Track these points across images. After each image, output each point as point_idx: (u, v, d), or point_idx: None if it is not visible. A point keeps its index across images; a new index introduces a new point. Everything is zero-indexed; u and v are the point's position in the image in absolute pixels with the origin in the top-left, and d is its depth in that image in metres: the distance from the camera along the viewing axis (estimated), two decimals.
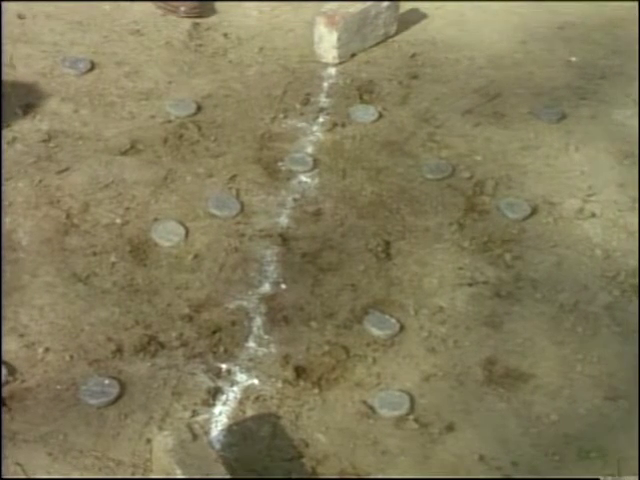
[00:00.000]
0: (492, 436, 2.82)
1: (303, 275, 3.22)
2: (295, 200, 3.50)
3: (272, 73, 4.09)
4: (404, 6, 4.43)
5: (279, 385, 2.89)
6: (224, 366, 2.93)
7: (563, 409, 2.89)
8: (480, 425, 2.84)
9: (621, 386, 2.96)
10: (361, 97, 3.99)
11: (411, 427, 2.82)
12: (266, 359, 2.96)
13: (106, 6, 4.37)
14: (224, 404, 2.84)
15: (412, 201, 3.53)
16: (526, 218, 3.48)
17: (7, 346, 2.91)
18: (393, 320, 3.09)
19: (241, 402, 2.84)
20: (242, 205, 3.45)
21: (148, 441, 2.69)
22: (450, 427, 2.82)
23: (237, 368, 2.93)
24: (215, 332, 3.01)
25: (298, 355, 2.98)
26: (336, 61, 4.15)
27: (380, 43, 4.29)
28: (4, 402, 2.76)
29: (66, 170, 3.51)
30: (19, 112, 3.72)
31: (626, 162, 3.75)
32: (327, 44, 4.13)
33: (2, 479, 2.59)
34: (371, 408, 2.85)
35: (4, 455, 2.64)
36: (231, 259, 3.25)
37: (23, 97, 3.80)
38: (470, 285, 3.23)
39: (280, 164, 3.63)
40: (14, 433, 2.70)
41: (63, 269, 3.16)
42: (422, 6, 4.55)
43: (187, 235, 3.32)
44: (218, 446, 2.71)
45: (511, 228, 3.44)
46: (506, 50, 4.35)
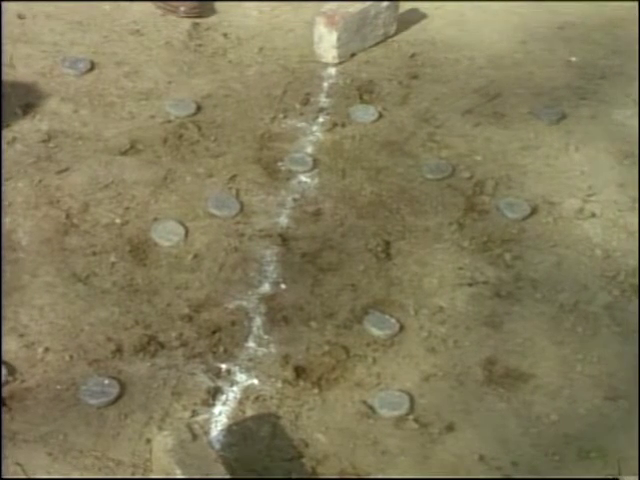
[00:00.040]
0: (492, 436, 2.82)
1: (303, 275, 3.22)
2: (295, 200, 3.49)
3: (272, 73, 4.08)
4: (404, 6, 4.42)
5: (279, 385, 2.89)
6: (224, 366, 2.93)
7: (563, 409, 2.89)
8: (480, 425, 2.84)
9: (621, 386, 2.96)
10: (361, 97, 3.99)
11: (411, 427, 2.82)
12: (266, 359, 2.96)
13: (106, 6, 4.37)
14: (224, 404, 2.84)
15: (412, 201, 3.52)
16: (526, 218, 3.48)
17: (7, 346, 2.91)
18: (393, 320, 3.09)
19: (241, 402, 2.84)
20: (242, 205, 3.44)
21: (148, 441, 2.69)
22: (450, 427, 2.82)
23: (237, 368, 2.93)
24: (215, 332, 3.01)
25: (298, 355, 2.98)
26: (336, 61, 4.15)
27: (380, 43, 4.29)
28: (4, 402, 2.76)
29: (66, 170, 3.51)
30: (19, 112, 3.72)
31: (626, 162, 3.75)
32: (327, 44, 4.13)
33: (2, 479, 2.59)
34: (371, 408, 2.85)
35: (4, 455, 2.64)
36: (231, 259, 3.25)
37: (23, 97, 3.80)
38: (470, 285, 3.23)
39: (280, 164, 3.63)
40: (14, 433, 2.70)
41: (63, 269, 3.16)
42: (422, 6, 4.55)
43: (187, 235, 3.32)
44: (218, 446, 2.70)
45: (511, 228, 3.44)
46: (506, 50, 4.34)
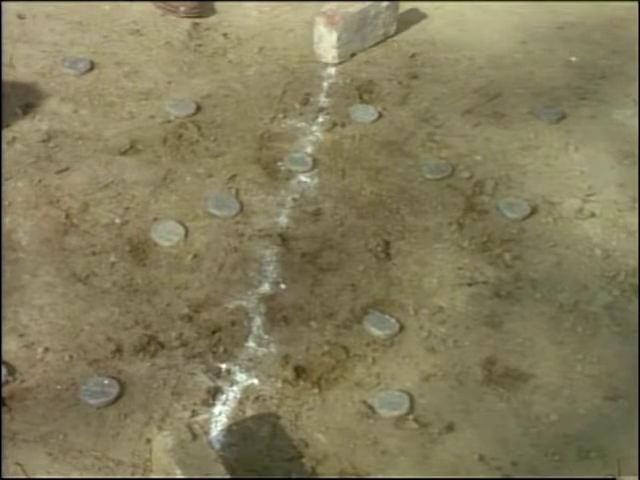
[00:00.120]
0: (492, 436, 2.82)
1: (303, 275, 3.22)
2: (294, 200, 3.49)
3: (272, 73, 4.08)
4: (404, 6, 4.42)
5: (279, 385, 2.89)
6: (224, 366, 2.93)
7: (563, 409, 2.89)
8: (480, 425, 2.84)
9: (621, 386, 2.96)
10: (361, 97, 3.99)
11: (411, 427, 2.82)
12: (266, 359, 2.96)
13: (106, 6, 4.37)
14: (224, 404, 2.83)
15: (412, 201, 3.52)
16: (526, 218, 3.48)
17: (7, 346, 2.91)
18: (393, 320, 3.09)
19: (241, 402, 2.84)
20: (241, 205, 3.44)
21: (148, 441, 2.69)
22: (450, 427, 2.82)
23: (237, 368, 2.93)
24: (215, 332, 3.01)
25: (298, 355, 2.98)
26: (336, 61, 4.14)
27: (380, 43, 4.29)
28: (4, 402, 2.76)
29: (66, 170, 3.51)
30: (19, 112, 3.72)
31: (626, 162, 3.75)
32: (327, 44, 4.13)
33: (2, 479, 2.59)
34: (371, 408, 2.85)
35: (4, 455, 2.64)
36: (230, 259, 3.25)
37: (23, 97, 3.80)
38: (470, 285, 3.23)
39: (279, 164, 3.63)
40: (14, 433, 2.70)
41: (63, 269, 3.16)
42: (422, 6, 4.54)
43: (187, 235, 3.31)
44: (218, 446, 2.70)
45: (511, 228, 3.44)
46: (506, 50, 4.34)
